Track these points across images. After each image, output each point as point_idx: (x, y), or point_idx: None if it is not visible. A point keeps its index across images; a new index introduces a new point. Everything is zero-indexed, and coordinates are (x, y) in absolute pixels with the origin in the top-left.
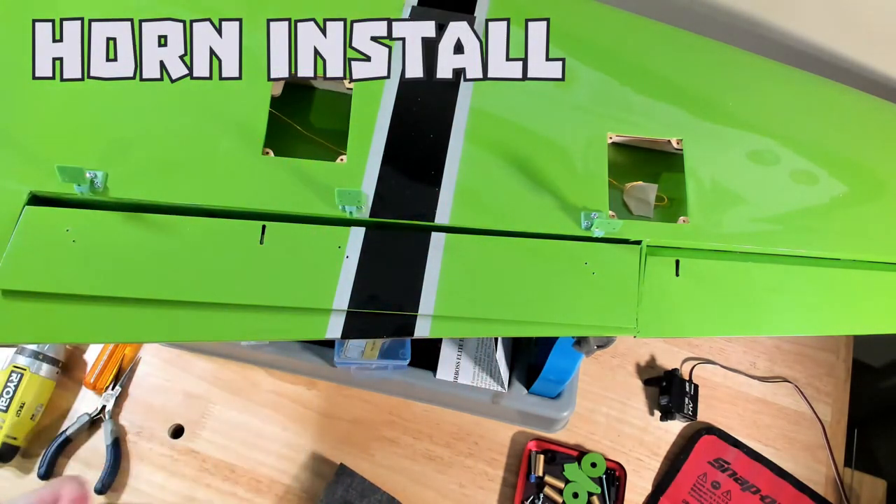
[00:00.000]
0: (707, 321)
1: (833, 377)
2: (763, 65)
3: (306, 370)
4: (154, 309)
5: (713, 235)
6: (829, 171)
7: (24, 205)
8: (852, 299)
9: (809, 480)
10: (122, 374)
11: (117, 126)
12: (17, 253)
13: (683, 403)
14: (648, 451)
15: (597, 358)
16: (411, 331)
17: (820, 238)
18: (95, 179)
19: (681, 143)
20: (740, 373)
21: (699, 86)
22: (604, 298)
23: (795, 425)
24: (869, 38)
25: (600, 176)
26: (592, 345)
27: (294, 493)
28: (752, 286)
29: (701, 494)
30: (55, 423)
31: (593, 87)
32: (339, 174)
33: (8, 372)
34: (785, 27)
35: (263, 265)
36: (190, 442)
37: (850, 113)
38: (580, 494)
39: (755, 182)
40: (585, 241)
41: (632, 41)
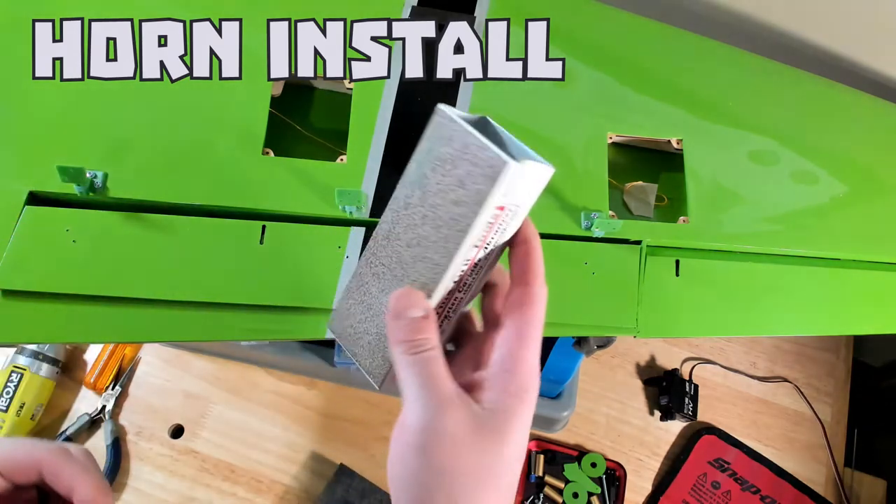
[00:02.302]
0: (707, 321)
1: (833, 377)
2: (763, 65)
3: (306, 370)
4: (154, 309)
5: (713, 235)
6: (829, 171)
7: (23, 205)
8: (852, 299)
9: (809, 480)
10: (122, 374)
11: (117, 126)
12: (17, 253)
13: (683, 403)
14: (648, 451)
15: (597, 358)
16: None
17: (820, 238)
18: (95, 179)
19: (681, 143)
20: (740, 373)
21: (699, 86)
22: (604, 298)
23: (795, 425)
24: (869, 38)
25: (600, 176)
26: (592, 345)
27: (294, 493)
28: (752, 286)
29: (701, 494)
30: (55, 423)
31: (593, 87)
32: (339, 174)
33: (8, 372)
34: (785, 27)
35: (263, 265)
36: (190, 442)
37: (850, 113)
38: (580, 494)
39: (755, 182)
40: (585, 241)
41: (632, 41)
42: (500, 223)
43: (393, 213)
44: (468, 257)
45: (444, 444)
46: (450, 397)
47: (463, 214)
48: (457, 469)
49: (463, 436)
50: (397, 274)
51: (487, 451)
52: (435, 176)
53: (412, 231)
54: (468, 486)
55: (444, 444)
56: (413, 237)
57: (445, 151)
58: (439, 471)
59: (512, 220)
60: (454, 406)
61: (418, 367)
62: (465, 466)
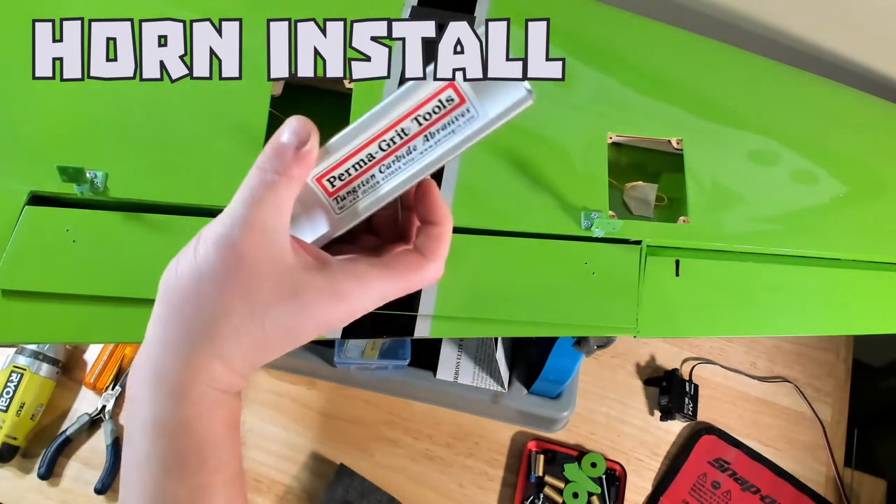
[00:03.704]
0: (707, 321)
1: (833, 377)
2: (763, 65)
3: (306, 370)
4: None
5: (713, 235)
6: (829, 171)
7: (24, 205)
8: (852, 299)
9: (809, 480)
10: (122, 374)
11: (117, 126)
12: (17, 253)
13: (683, 403)
14: (648, 451)
15: (597, 358)
16: (411, 331)
17: (820, 238)
18: (95, 179)
19: (681, 143)
20: (740, 373)
21: (699, 86)
22: (604, 298)
23: (795, 425)
24: (869, 38)
25: (600, 176)
26: (592, 345)
27: (294, 493)
28: (752, 286)
29: (701, 494)
30: (55, 423)
31: (593, 87)
32: None
33: (8, 372)
34: (785, 27)
35: None
36: None
37: (850, 113)
38: (580, 494)
39: (755, 182)
40: (585, 241)
41: (632, 41)
42: (449, 112)
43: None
44: (393, 119)
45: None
46: (281, 232)
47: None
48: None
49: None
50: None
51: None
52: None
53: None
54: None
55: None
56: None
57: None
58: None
59: (466, 124)
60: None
61: (254, 188)
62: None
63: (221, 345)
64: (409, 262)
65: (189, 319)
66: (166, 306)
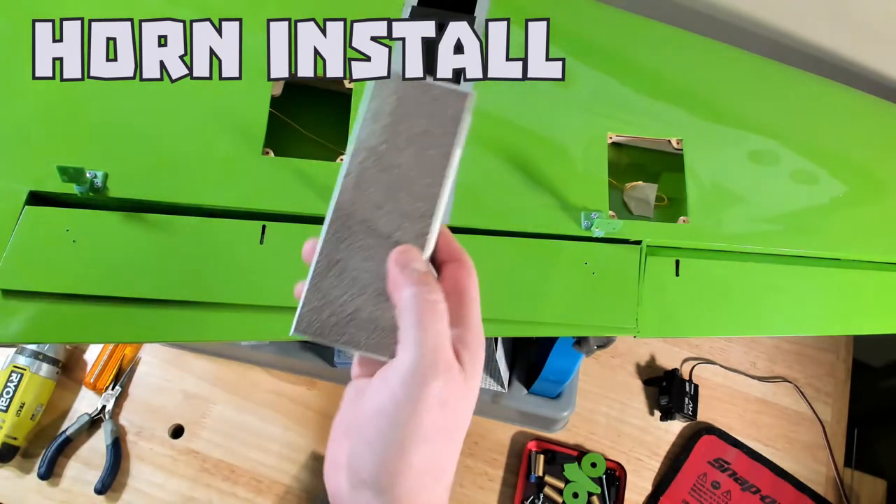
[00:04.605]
0: (707, 321)
1: (833, 377)
2: (762, 64)
3: (306, 370)
4: (154, 309)
5: (713, 235)
6: (829, 171)
7: (24, 205)
8: (852, 299)
9: (809, 480)
10: (122, 374)
11: (117, 126)
12: (17, 253)
13: (683, 403)
14: (648, 451)
15: (597, 358)
16: None
17: (820, 238)
18: (95, 179)
19: (681, 143)
20: (740, 373)
21: (699, 86)
22: (604, 298)
23: (795, 425)
24: (869, 38)
25: (600, 176)
26: (592, 345)
27: (294, 493)
28: (752, 286)
29: (701, 494)
30: (55, 423)
31: (593, 87)
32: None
33: (8, 372)
34: (785, 27)
35: (263, 265)
36: (190, 442)
37: (850, 113)
38: (580, 494)
39: (755, 182)
40: (585, 241)
41: (632, 41)
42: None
43: (349, 182)
44: (450, 190)
45: (432, 406)
46: (449, 363)
47: (440, 149)
48: (436, 426)
49: (450, 399)
50: (381, 234)
51: (461, 411)
52: (395, 128)
53: (381, 191)
54: (440, 442)
55: (432, 406)
56: (384, 196)
57: (398, 102)
58: (418, 424)
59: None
60: (453, 370)
61: (425, 313)
62: (444, 424)
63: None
64: None
65: None
66: None
